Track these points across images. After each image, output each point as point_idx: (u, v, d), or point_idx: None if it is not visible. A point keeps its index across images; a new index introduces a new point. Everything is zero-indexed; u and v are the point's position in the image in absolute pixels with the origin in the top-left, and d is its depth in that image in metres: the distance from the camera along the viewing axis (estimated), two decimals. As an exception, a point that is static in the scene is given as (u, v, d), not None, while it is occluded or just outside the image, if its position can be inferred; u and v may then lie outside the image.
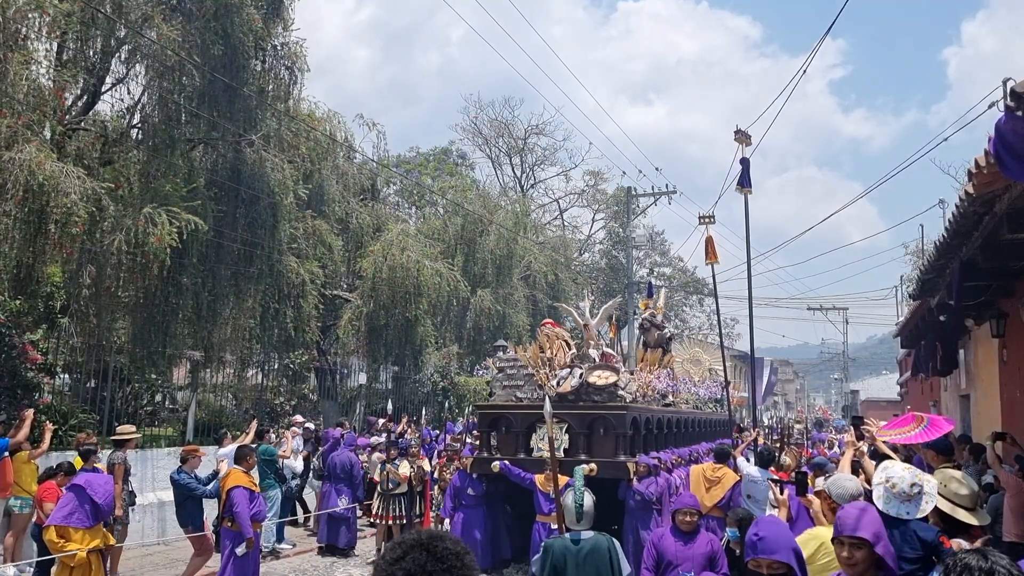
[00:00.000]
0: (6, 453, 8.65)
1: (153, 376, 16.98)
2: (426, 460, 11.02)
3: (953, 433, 10.18)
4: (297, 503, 13.59)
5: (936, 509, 4.41)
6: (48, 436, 9.49)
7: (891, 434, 6.06)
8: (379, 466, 11.48)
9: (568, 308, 11.78)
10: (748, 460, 10.40)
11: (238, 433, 12.83)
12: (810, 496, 5.07)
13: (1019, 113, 4.13)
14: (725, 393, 14.21)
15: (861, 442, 6.01)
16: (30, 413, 9.37)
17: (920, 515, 4.32)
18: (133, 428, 10.54)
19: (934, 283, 9.58)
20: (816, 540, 4.26)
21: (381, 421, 15.30)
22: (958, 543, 4.36)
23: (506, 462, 9.60)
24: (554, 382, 9.81)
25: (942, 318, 10.46)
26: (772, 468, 9.78)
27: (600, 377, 9.61)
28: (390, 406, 13.84)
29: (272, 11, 14.96)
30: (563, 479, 8.79)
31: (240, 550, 7.66)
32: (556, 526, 8.67)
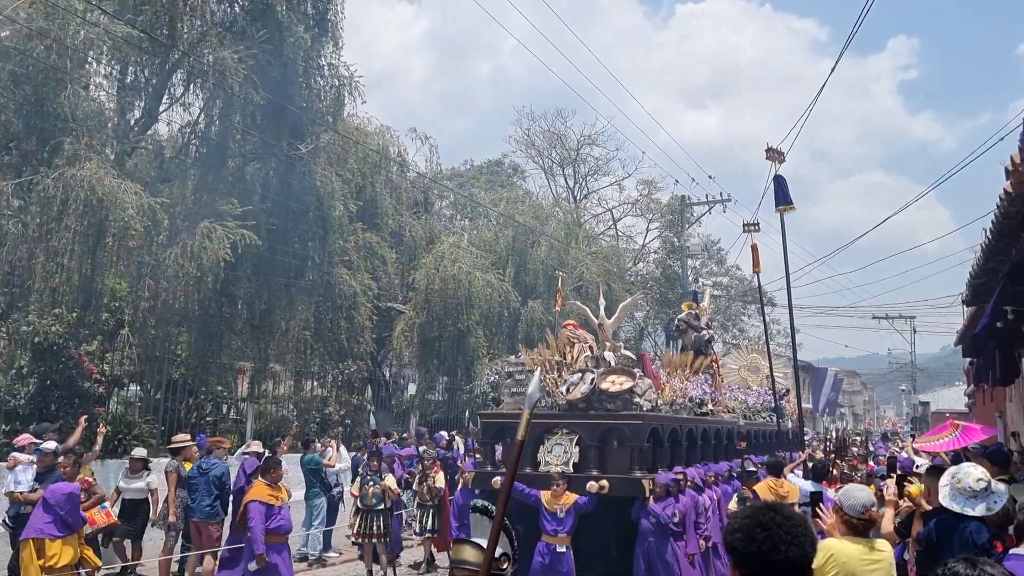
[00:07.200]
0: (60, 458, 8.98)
1: (219, 388, 17.47)
2: (440, 475, 10.59)
3: (1007, 443, 9.76)
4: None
5: None
6: (100, 439, 9.85)
7: (924, 442, 5.88)
8: (358, 479, 10.64)
9: (582, 307, 10.75)
10: (798, 475, 10.10)
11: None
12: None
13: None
14: (776, 403, 13.79)
15: (903, 500, 5.75)
16: (83, 420, 9.75)
17: (985, 512, 4.31)
18: (188, 437, 10.83)
19: (987, 288, 9.22)
20: (825, 552, 4.13)
21: (406, 435, 15.08)
22: None
23: None
24: (563, 388, 8.98)
25: (999, 324, 10.05)
26: (825, 482, 9.47)
27: (614, 383, 8.68)
28: (373, 421, 13.72)
29: (321, 30, 15.34)
30: (572, 496, 8.30)
31: (252, 566, 7.67)
32: (561, 548, 8.11)
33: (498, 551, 3.41)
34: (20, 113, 12.04)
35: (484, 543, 3.30)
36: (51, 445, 8.89)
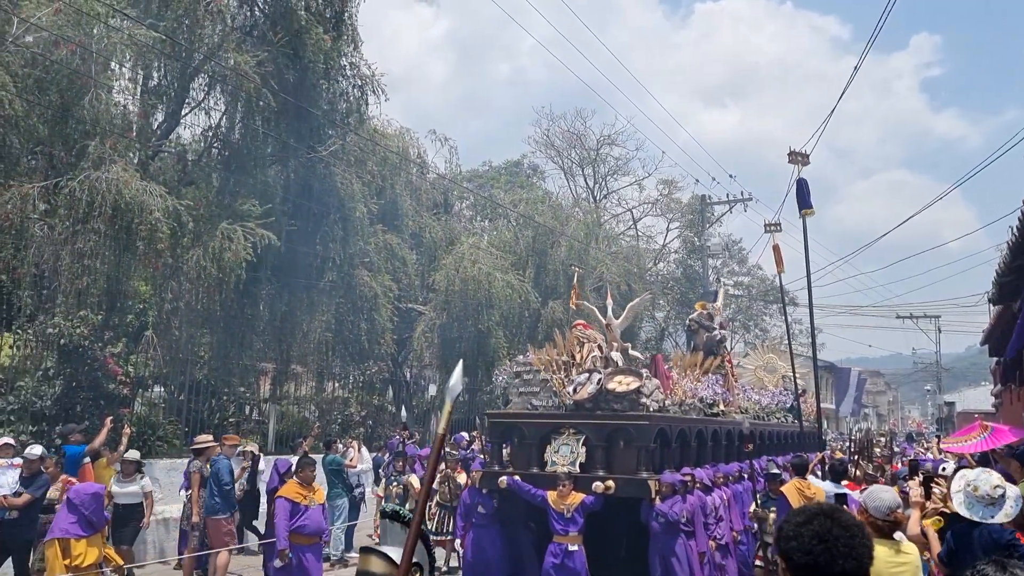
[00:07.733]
0: (87, 459, 9.12)
1: (241, 389, 17.64)
2: (463, 474, 10.55)
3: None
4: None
5: None
6: (125, 440, 9.96)
7: (952, 443, 5.80)
8: (383, 480, 10.50)
9: (590, 307, 10.64)
10: (818, 476, 9.99)
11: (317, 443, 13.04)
12: None
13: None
14: (796, 403, 13.65)
15: (929, 502, 5.67)
16: (108, 421, 9.87)
17: (1004, 519, 4.25)
18: (210, 438, 10.92)
19: (1015, 286, 9.11)
20: None
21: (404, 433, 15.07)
22: None
23: (515, 478, 8.59)
24: (570, 388, 8.89)
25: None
26: (851, 483, 9.35)
27: (620, 383, 8.62)
28: (404, 413, 13.73)
29: (338, 31, 15.41)
30: (578, 496, 8.22)
31: (276, 563, 7.76)
32: (573, 547, 8.09)
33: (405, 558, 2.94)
34: (45, 118, 12.21)
35: (392, 552, 2.99)
36: (37, 450, 8.61)
